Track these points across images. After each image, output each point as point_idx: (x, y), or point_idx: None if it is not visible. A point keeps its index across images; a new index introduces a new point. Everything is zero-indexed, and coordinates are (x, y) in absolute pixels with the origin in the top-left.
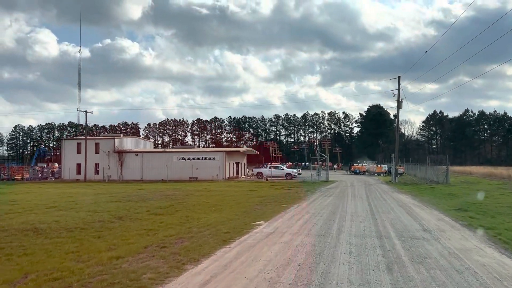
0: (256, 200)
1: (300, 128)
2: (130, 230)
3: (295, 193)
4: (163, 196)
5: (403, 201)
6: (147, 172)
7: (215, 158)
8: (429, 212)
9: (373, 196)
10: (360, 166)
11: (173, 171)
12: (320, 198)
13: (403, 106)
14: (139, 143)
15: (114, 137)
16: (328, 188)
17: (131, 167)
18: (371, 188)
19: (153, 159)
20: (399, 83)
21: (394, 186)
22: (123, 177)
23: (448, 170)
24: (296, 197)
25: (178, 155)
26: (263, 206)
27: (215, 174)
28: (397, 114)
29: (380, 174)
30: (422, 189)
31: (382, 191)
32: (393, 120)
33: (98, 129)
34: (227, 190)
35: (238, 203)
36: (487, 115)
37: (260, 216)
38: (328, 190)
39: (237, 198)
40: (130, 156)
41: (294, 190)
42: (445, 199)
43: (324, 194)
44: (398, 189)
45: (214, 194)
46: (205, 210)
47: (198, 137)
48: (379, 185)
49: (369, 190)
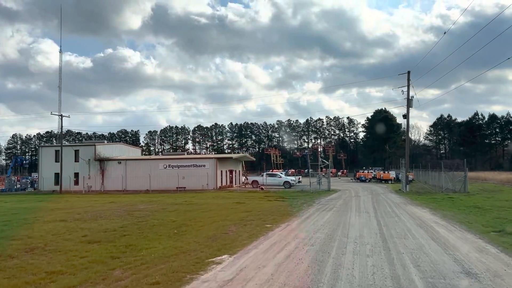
0: (237, 217)
1: (304, 134)
2: (26, 272)
3: (288, 206)
4: (126, 213)
5: (421, 217)
6: (131, 182)
7: (205, 166)
8: (460, 235)
9: (382, 210)
10: (366, 173)
11: (159, 180)
12: (316, 214)
13: (413, 104)
14: (125, 150)
15: (95, 143)
16: (328, 200)
17: (114, 177)
18: (379, 198)
19: (137, 167)
20: (409, 78)
21: (406, 196)
22: (104, 188)
23: (467, 177)
24: (288, 212)
25: (165, 163)
26: (241, 226)
27: (205, 183)
28: (407, 113)
29: (387, 182)
30: (439, 200)
31: (393, 203)
32: (400, 125)
33: (97, 137)
34: (209, 203)
35: (212, 222)
36: (499, 118)
37: (227, 245)
38: (328, 202)
39: (215, 215)
40: (113, 164)
41: (288, 202)
42: (473, 214)
43: (323, 208)
44: (411, 200)
45: (191, 208)
46: (162, 234)
47: (199, 144)
48: (388, 194)
49: (377, 201)
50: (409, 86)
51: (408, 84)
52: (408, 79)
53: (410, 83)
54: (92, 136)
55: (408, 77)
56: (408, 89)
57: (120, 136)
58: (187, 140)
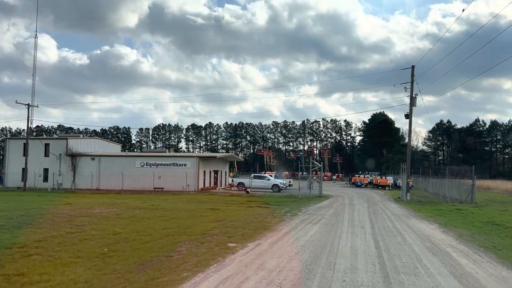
0: (200, 229)
1: (300, 136)
2: None
3: (268, 216)
4: (68, 219)
5: (431, 237)
6: (105, 180)
7: (186, 165)
8: (494, 271)
9: (381, 225)
10: (362, 178)
11: (136, 179)
12: (299, 228)
13: (416, 103)
14: (102, 145)
15: (67, 137)
16: (318, 208)
17: (86, 174)
18: (377, 208)
19: (112, 164)
20: (413, 74)
21: (407, 206)
22: (76, 186)
23: (475, 186)
24: (266, 224)
25: (142, 161)
26: (196, 245)
27: (186, 184)
28: (409, 113)
29: (385, 188)
30: (446, 212)
31: (393, 215)
32: (398, 129)
33: (88, 133)
34: (178, 209)
35: (164, 236)
36: (500, 125)
37: (156, 281)
38: (317, 211)
39: (175, 225)
40: (85, 160)
41: (271, 209)
42: (495, 235)
43: (309, 219)
44: (413, 211)
45: (151, 215)
46: (82, 255)
47: (193, 143)
48: (387, 203)
49: (374, 212)
50: (412, 83)
51: (412, 80)
52: (412, 75)
53: (414, 79)
54: (83, 131)
55: (412, 73)
56: (411, 86)
57: (112, 133)
58: (180, 139)
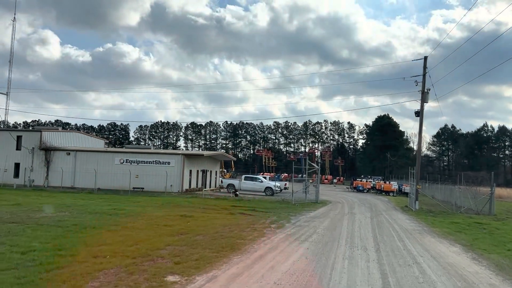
0: (148, 247)
1: (301, 137)
2: None
3: (247, 227)
4: None
5: (459, 270)
6: (81, 178)
7: (169, 163)
8: None
9: (388, 247)
10: (364, 182)
11: (114, 177)
12: (280, 249)
13: (429, 99)
14: (82, 140)
15: (42, 129)
16: (311, 218)
17: (61, 170)
18: (382, 220)
19: (89, 160)
20: (425, 66)
21: (417, 217)
22: (49, 183)
23: (493, 195)
24: (237, 241)
25: (122, 157)
26: (117, 281)
27: (169, 184)
28: (420, 109)
29: (388, 193)
30: (464, 227)
31: (403, 230)
32: (402, 132)
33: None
34: (142, 215)
35: (85, 258)
36: (508, 131)
37: None
38: (309, 222)
39: (118, 240)
40: (60, 155)
41: (254, 218)
42: None
43: (297, 234)
44: (426, 224)
45: (101, 224)
46: None
47: (192, 142)
48: (393, 213)
49: (379, 224)
50: (425, 76)
51: (424, 72)
52: (424, 67)
53: (426, 72)
54: (81, 128)
55: (424, 64)
56: (423, 79)
57: (110, 130)
58: (179, 137)
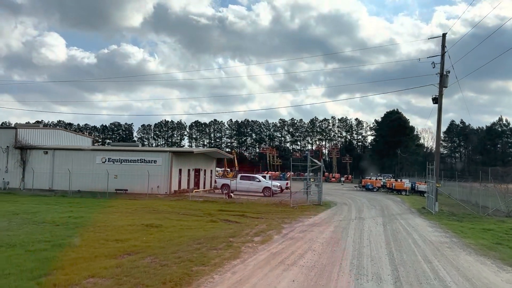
0: (52, 283)
1: (308, 135)
2: None
3: (223, 242)
4: None
5: None
6: (60, 179)
7: (156, 162)
8: None
9: (412, 276)
10: (374, 180)
11: (95, 178)
12: (253, 281)
13: (448, 83)
14: (66, 138)
15: (17, 126)
16: (309, 225)
17: (38, 171)
18: (397, 227)
19: (68, 160)
20: (444, 44)
21: (439, 222)
22: (25, 185)
23: None
24: (197, 267)
25: (104, 156)
26: None
27: (156, 185)
28: (439, 95)
29: (400, 192)
30: (501, 235)
31: (426, 243)
32: (413, 128)
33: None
34: (99, 225)
35: None
36: None
37: None
38: (305, 233)
39: (27, 269)
40: (37, 154)
41: (239, 227)
42: None
43: (285, 253)
44: (454, 233)
45: (31, 240)
46: None
47: (196, 141)
48: (409, 217)
49: (395, 236)
50: (443, 56)
51: (442, 52)
52: (443, 45)
53: (446, 51)
54: (83, 128)
55: (443, 43)
56: (442, 60)
57: (113, 130)
58: (183, 136)
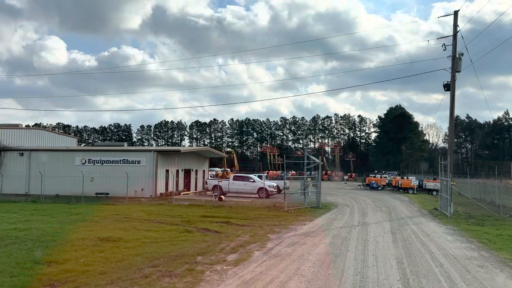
0: None
1: (310, 132)
2: None
3: (187, 263)
4: None
5: None
6: (37, 182)
7: (139, 162)
8: None
9: None
10: (378, 178)
11: (75, 181)
12: None
13: (461, 67)
14: (49, 139)
15: None
16: (301, 235)
17: (13, 174)
18: (409, 236)
19: (46, 161)
20: (456, 23)
21: (458, 226)
22: (2, 190)
23: None
24: None
25: (84, 156)
26: None
27: (139, 187)
28: (451, 80)
29: (407, 191)
30: None
31: (450, 261)
32: (417, 123)
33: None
34: (38, 241)
35: None
36: None
37: None
38: (295, 247)
39: None
40: (13, 156)
41: (216, 239)
42: None
43: (262, 280)
44: (480, 243)
45: None
46: None
47: (197, 141)
48: (422, 222)
49: (407, 249)
50: (456, 36)
51: (454, 32)
52: (455, 25)
53: (458, 31)
54: (82, 130)
55: (455, 22)
56: (454, 41)
57: (112, 131)
58: (184, 137)
